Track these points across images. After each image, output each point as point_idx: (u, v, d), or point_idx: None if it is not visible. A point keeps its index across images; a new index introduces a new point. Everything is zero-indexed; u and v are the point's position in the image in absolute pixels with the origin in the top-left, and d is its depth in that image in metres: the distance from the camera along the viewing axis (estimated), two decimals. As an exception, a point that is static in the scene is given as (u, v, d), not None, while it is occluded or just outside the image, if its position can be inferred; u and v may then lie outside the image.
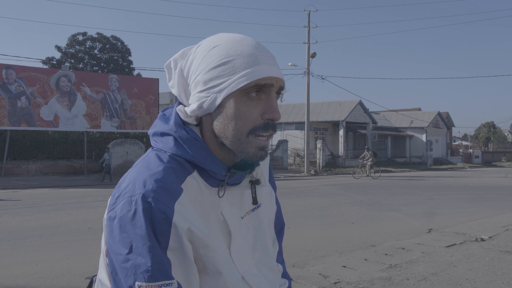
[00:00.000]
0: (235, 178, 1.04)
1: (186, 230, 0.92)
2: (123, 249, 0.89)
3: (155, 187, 0.91)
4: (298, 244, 7.04)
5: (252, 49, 0.98)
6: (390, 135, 44.43)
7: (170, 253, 0.91)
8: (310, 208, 11.42)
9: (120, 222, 0.90)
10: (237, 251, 1.05)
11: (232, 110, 0.96)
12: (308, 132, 28.96)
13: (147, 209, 0.89)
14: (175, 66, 1.05)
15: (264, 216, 1.16)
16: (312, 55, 27.49)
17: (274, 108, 0.97)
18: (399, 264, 5.80)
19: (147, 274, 0.87)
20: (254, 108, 0.97)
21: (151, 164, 0.97)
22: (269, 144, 1.04)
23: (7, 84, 20.76)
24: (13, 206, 11.75)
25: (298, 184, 19.56)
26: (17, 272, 5.46)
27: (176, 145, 0.99)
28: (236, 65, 0.96)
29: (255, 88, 0.96)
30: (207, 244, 0.96)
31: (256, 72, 0.95)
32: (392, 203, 12.50)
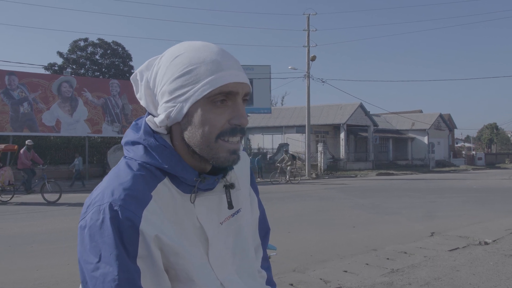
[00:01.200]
0: (207, 183, 1.03)
1: (153, 237, 0.92)
2: (93, 258, 0.89)
3: (122, 195, 0.92)
4: (298, 249, 7.01)
5: (214, 55, 0.97)
6: (391, 137, 44.38)
7: (140, 261, 0.91)
8: (311, 212, 11.39)
9: (89, 231, 0.91)
10: (216, 257, 1.04)
11: (199, 118, 0.96)
12: (309, 135, 28.95)
13: (114, 217, 0.90)
14: (141, 78, 1.05)
15: (245, 221, 1.15)
16: (312, 58, 27.50)
17: (241, 114, 0.98)
18: (401, 269, 5.77)
19: (114, 283, 0.87)
20: (221, 115, 0.97)
21: (120, 172, 0.98)
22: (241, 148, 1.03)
23: (9, 90, 20.81)
24: (15, 212, 11.75)
25: (298, 188, 19.54)
26: (18, 278, 5.46)
27: (146, 153, 0.99)
28: (199, 73, 0.96)
29: (219, 96, 0.96)
30: (177, 251, 0.95)
31: (219, 79, 0.95)
32: (394, 206, 12.46)
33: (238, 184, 1.14)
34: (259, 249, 1.27)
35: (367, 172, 32.96)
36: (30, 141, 14.82)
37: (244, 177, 1.20)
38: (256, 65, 29.64)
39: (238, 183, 1.15)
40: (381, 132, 42.64)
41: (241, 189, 1.16)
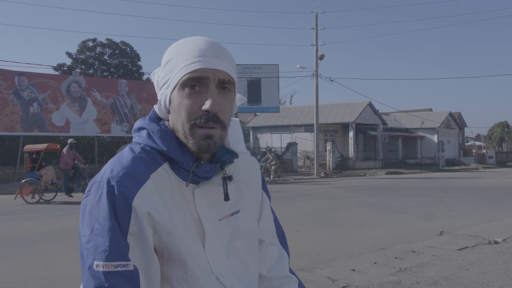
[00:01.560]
0: (204, 170, 1.05)
1: (145, 214, 0.95)
2: (87, 230, 0.94)
3: (121, 173, 0.97)
4: (306, 248, 7.00)
5: (195, 45, 1.02)
6: (400, 136, 44.13)
7: (130, 238, 0.94)
8: (319, 211, 11.37)
9: (89, 207, 0.96)
10: (212, 252, 1.06)
11: (176, 103, 1.02)
12: (318, 134, 28.88)
13: (110, 192, 0.94)
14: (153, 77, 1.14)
15: (243, 223, 1.15)
16: (320, 57, 27.43)
17: (211, 100, 0.99)
18: (409, 268, 5.73)
19: (104, 254, 0.91)
20: (193, 100, 1.00)
21: (123, 154, 1.03)
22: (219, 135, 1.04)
23: (19, 91, 21.01)
24: (25, 210, 11.87)
25: (307, 187, 19.51)
26: (27, 276, 5.51)
27: (148, 136, 1.05)
28: (176, 61, 1.02)
29: (190, 81, 0.99)
30: (170, 230, 0.98)
31: (191, 65, 0.99)
32: (403, 205, 12.39)
33: (239, 180, 1.16)
34: (283, 254, 1.29)
35: (376, 171, 32.81)
36: (73, 140, 14.73)
37: (252, 181, 1.22)
38: (264, 64, 29.63)
39: (240, 182, 1.16)
40: (390, 130, 42.42)
41: (244, 193, 1.17)
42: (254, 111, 31.99)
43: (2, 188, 18.81)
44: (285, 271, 1.27)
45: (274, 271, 1.25)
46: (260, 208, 1.25)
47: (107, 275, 0.90)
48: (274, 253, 1.27)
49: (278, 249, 1.28)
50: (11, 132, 21.01)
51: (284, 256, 1.29)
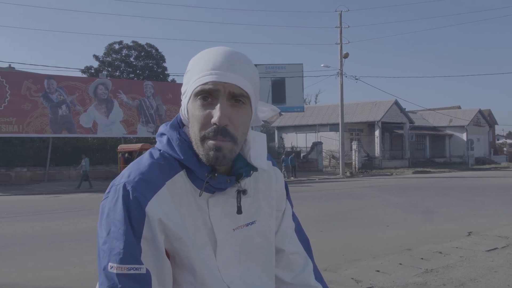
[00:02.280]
0: (218, 182, 1.05)
1: (157, 221, 0.97)
2: (104, 232, 0.97)
3: (137, 178, 0.99)
4: (330, 248, 6.95)
5: (211, 56, 1.03)
6: (428, 134, 43.33)
7: (144, 242, 0.97)
8: (344, 211, 11.27)
9: (106, 208, 0.99)
10: (223, 260, 1.07)
11: (190, 114, 1.04)
12: (343, 133, 28.64)
13: (125, 196, 0.97)
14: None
15: (258, 233, 1.16)
16: (345, 56, 27.18)
17: (220, 113, 0.98)
18: (435, 269, 5.62)
19: (119, 256, 0.94)
20: (205, 112, 1.01)
21: (142, 159, 1.06)
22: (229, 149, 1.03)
23: (48, 94, 21.56)
24: (54, 211, 12.17)
25: (332, 187, 19.36)
26: (56, 274, 5.65)
27: (168, 143, 1.07)
28: (192, 73, 1.04)
29: (202, 93, 1.00)
30: (181, 237, 1.00)
31: (203, 78, 1.00)
32: (430, 205, 12.16)
33: (256, 194, 1.16)
34: (308, 263, 1.28)
35: (403, 170, 32.31)
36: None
37: (272, 192, 1.21)
38: (288, 64, 29.56)
39: (259, 194, 1.17)
40: (417, 129, 41.70)
41: (262, 204, 1.17)
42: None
43: (32, 189, 19.34)
44: (309, 279, 1.27)
45: (298, 278, 1.25)
46: (280, 218, 1.26)
47: (120, 277, 0.93)
48: (300, 261, 1.27)
49: (303, 257, 1.28)
50: (41, 134, 21.57)
51: (308, 264, 1.28)
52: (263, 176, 1.20)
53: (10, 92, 20.61)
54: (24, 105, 20.87)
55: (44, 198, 16.00)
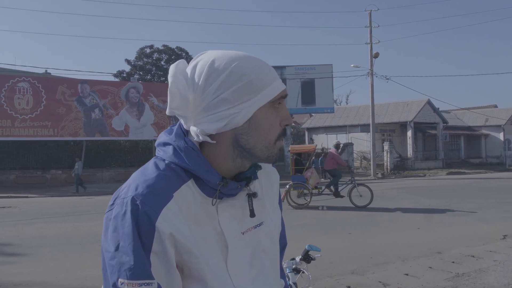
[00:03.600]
0: (230, 188, 1.05)
1: (168, 235, 0.96)
2: (112, 247, 0.95)
3: (145, 191, 0.97)
4: (358, 251, 6.84)
5: (266, 66, 1.08)
6: (463, 134, 42.14)
7: (154, 256, 0.95)
8: (374, 213, 11.07)
9: (114, 222, 0.97)
10: (234, 265, 1.06)
11: (262, 121, 1.05)
12: (374, 134, 28.20)
13: (134, 210, 0.95)
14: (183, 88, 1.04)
15: (266, 234, 1.17)
16: (375, 55, 26.78)
17: (288, 115, 1.10)
18: (467, 273, 5.45)
19: (129, 272, 0.92)
20: (277, 117, 1.07)
21: (147, 171, 1.03)
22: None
23: (82, 98, 22.14)
24: (86, 212, 12.46)
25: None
26: (86, 274, 5.78)
27: (174, 153, 1.04)
28: (263, 82, 1.04)
29: (279, 100, 1.06)
30: (191, 250, 0.98)
31: (277, 86, 1.06)
32: (464, 207, 11.80)
33: (262, 195, 1.18)
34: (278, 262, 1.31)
35: (437, 171, 31.53)
36: (339, 141, 14.33)
37: (272, 194, 1.24)
38: (317, 65, 29.36)
39: (263, 194, 1.19)
40: (451, 129, 40.62)
41: (266, 204, 1.19)
42: (308, 111, 31.77)
43: (67, 191, 19.89)
44: None
45: None
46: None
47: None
48: None
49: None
50: (75, 137, 22.16)
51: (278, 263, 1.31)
52: (265, 176, 1.22)
53: (46, 97, 21.26)
54: (59, 109, 21.50)
55: (77, 199, 16.41)
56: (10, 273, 6.01)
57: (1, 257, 7.02)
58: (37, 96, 21.12)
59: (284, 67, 28.25)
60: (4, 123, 20.44)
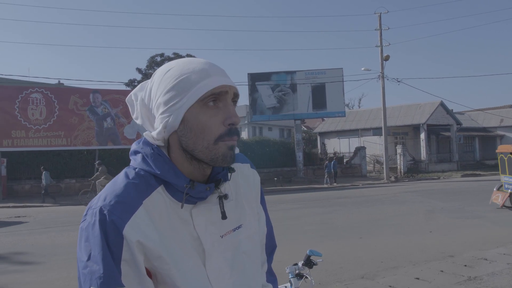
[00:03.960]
0: (198, 191, 1.05)
1: (136, 243, 0.97)
2: (85, 256, 0.97)
3: (113, 201, 0.99)
4: (368, 255, 6.77)
5: (202, 65, 1.05)
6: (477, 136, 41.62)
7: (124, 264, 0.97)
8: (385, 217, 10.97)
9: (85, 232, 0.99)
10: (214, 269, 1.07)
11: (194, 122, 1.02)
12: (386, 137, 27.97)
13: (102, 220, 0.97)
14: (135, 99, 1.13)
15: (245, 237, 1.16)
16: (386, 58, 26.61)
17: (233, 113, 1.03)
18: (479, 277, 5.37)
19: (99, 280, 0.94)
20: (215, 116, 1.02)
21: (117, 180, 1.05)
22: (235, 146, 1.07)
23: (94, 107, 22.37)
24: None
25: (375, 192, 18.92)
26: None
27: (143, 160, 1.06)
28: (190, 81, 1.02)
29: (211, 97, 1.02)
30: (161, 256, 0.99)
31: (210, 83, 1.01)
32: (478, 209, 11.63)
33: (239, 197, 1.17)
34: (264, 265, 1.31)
35: (451, 173, 31.14)
36: None
37: (252, 194, 1.23)
38: (328, 69, 29.24)
39: (241, 197, 1.18)
40: (465, 130, 40.15)
41: (245, 206, 1.18)
42: (319, 116, 31.60)
43: (82, 199, 20.04)
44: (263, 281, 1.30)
45: None
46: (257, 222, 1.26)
47: None
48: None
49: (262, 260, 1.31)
50: (87, 146, 22.37)
51: (263, 266, 1.30)
52: (243, 178, 1.21)
53: (59, 107, 21.53)
54: (72, 119, 21.75)
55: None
56: (23, 281, 6.09)
57: (15, 266, 7.11)
58: (50, 106, 21.40)
59: (294, 72, 28.22)
60: (18, 134, 20.74)
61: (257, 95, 27.76)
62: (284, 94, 27.92)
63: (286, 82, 28.00)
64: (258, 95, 27.76)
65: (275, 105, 27.87)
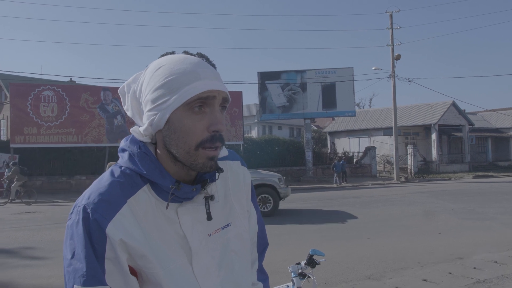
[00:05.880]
0: (184, 192, 1.04)
1: (118, 241, 0.97)
2: (69, 254, 0.97)
3: (96, 199, 0.98)
4: (376, 256, 6.72)
5: (193, 66, 1.02)
6: (490, 136, 41.16)
7: (108, 262, 0.96)
8: (394, 217, 10.88)
9: (70, 230, 0.99)
10: (201, 268, 1.06)
11: (178, 124, 1.00)
12: (397, 137, 27.79)
13: (85, 218, 0.97)
14: (128, 90, 1.11)
15: (234, 235, 1.15)
16: (397, 57, 26.42)
17: (218, 120, 1.01)
18: (488, 279, 5.29)
19: (82, 278, 0.94)
20: (199, 121, 1.00)
21: (103, 178, 1.04)
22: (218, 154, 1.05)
23: (105, 105, 22.52)
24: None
25: (385, 192, 18.79)
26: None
27: (129, 159, 1.05)
28: (179, 82, 1.00)
29: (197, 102, 0.99)
30: (144, 255, 0.99)
31: (197, 87, 0.99)
32: (489, 211, 11.48)
33: (228, 196, 1.17)
34: (255, 263, 1.30)
35: (463, 174, 30.84)
36: None
37: (242, 192, 1.22)
38: (338, 68, 29.11)
39: (230, 196, 1.17)
40: (477, 131, 39.73)
41: (234, 205, 1.18)
42: (329, 115, 31.49)
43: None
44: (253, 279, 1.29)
45: None
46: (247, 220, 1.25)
47: None
48: None
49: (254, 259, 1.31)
50: (98, 144, 22.54)
51: (254, 265, 1.30)
52: (232, 176, 1.20)
53: (70, 105, 21.72)
54: (82, 116, 21.91)
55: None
56: (33, 276, 6.14)
57: (24, 260, 7.17)
58: (61, 104, 21.59)
59: (304, 71, 28.14)
60: (30, 131, 20.96)
61: (267, 93, 27.74)
62: (294, 93, 27.86)
63: (296, 81, 27.93)
64: (268, 93, 27.73)
65: (285, 104, 27.82)
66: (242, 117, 25.52)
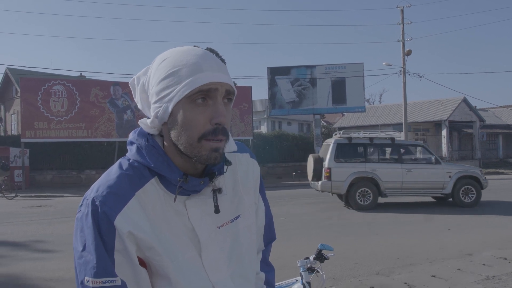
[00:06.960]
0: (192, 185, 1.04)
1: (127, 233, 0.97)
2: (80, 246, 0.98)
3: (105, 192, 0.99)
4: (385, 251, 6.70)
5: (196, 58, 1.02)
6: (501, 133, 40.75)
7: (117, 254, 0.97)
8: (403, 214, 10.83)
9: (80, 223, 1.00)
10: (210, 260, 1.06)
11: (181, 117, 1.00)
12: (407, 133, 27.64)
13: (94, 211, 0.98)
14: (137, 83, 1.11)
15: (243, 227, 1.16)
16: (408, 53, 26.22)
17: (220, 113, 1.00)
18: (497, 276, 5.26)
19: (93, 270, 0.95)
20: (201, 114, 1.00)
21: (111, 171, 1.05)
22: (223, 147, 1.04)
23: (114, 100, 22.62)
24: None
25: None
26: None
27: (137, 152, 1.06)
28: (181, 74, 1.00)
29: (199, 94, 0.99)
30: (152, 247, 1.00)
31: (199, 79, 0.98)
32: (500, 208, 11.40)
33: (238, 188, 1.16)
34: (259, 254, 1.30)
35: (473, 171, 30.60)
36: None
37: (249, 184, 1.22)
38: (348, 63, 28.96)
39: (239, 188, 1.17)
40: (488, 128, 39.34)
41: (243, 197, 1.18)
42: (339, 111, 31.38)
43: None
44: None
45: None
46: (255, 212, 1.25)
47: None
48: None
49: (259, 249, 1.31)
50: (108, 138, 22.67)
51: (259, 256, 1.31)
52: (242, 168, 1.20)
53: (80, 99, 21.84)
54: (92, 111, 22.03)
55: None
56: (43, 268, 6.21)
57: (35, 254, 7.25)
58: (71, 98, 21.73)
59: (314, 66, 28.01)
60: (41, 125, 21.12)
61: (277, 89, 27.67)
62: (304, 89, 27.76)
63: (305, 76, 27.82)
64: (277, 89, 27.66)
65: (294, 100, 27.74)
66: (252, 112, 25.48)
